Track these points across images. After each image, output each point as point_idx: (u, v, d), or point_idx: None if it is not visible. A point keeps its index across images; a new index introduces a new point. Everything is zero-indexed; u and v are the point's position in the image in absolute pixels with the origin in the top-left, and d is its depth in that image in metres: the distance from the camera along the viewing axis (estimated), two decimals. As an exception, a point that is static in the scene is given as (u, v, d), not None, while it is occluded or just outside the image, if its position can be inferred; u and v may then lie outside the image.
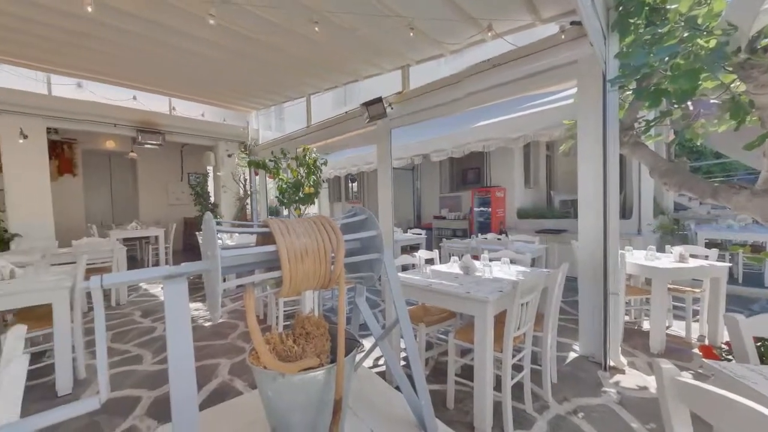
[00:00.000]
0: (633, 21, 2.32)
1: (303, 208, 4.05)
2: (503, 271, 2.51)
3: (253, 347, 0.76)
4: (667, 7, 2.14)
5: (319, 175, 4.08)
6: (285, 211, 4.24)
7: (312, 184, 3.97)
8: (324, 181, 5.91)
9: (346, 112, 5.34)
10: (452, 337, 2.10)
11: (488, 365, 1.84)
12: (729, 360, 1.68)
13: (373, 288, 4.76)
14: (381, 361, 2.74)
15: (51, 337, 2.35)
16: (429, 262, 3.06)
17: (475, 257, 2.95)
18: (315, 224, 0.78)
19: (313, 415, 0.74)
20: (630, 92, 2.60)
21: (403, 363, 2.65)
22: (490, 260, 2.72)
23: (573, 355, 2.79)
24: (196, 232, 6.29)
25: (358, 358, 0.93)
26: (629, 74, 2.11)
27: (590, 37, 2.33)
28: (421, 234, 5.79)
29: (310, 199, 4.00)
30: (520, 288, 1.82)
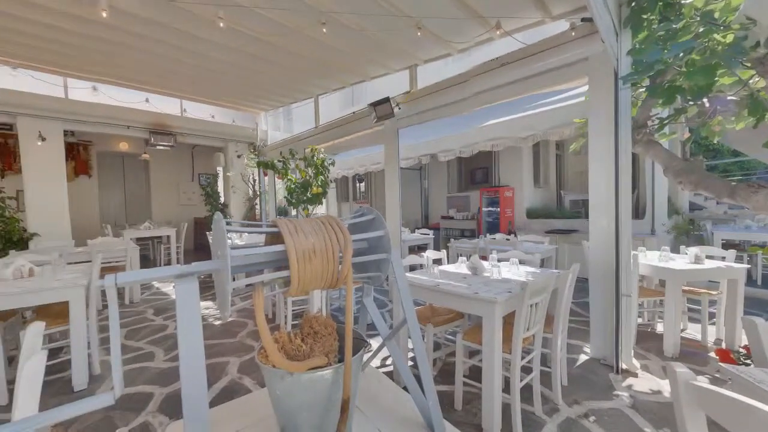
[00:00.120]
0: (646, 17, 2.27)
1: (311, 208, 4.08)
2: (512, 271, 2.49)
3: (262, 346, 0.77)
4: (682, 2, 2.09)
5: (326, 176, 4.11)
6: (293, 211, 4.27)
7: (320, 184, 4.00)
8: (332, 182, 5.93)
9: (354, 113, 5.35)
10: (460, 337, 2.09)
11: (497, 367, 1.82)
12: (747, 364, 1.63)
13: (381, 288, 4.76)
14: (389, 361, 2.74)
15: (68, 333, 2.42)
16: (437, 262, 3.05)
17: (484, 258, 2.93)
18: (323, 224, 0.78)
19: (321, 413, 0.74)
20: (643, 89, 2.55)
21: (410, 363, 2.64)
22: (499, 261, 2.70)
23: (584, 357, 2.74)
24: (207, 232, 6.39)
25: (366, 357, 0.93)
26: (642, 71, 2.07)
27: (602, 34, 2.30)
28: (428, 234, 5.76)
29: (318, 199, 4.03)
30: (529, 289, 1.80)
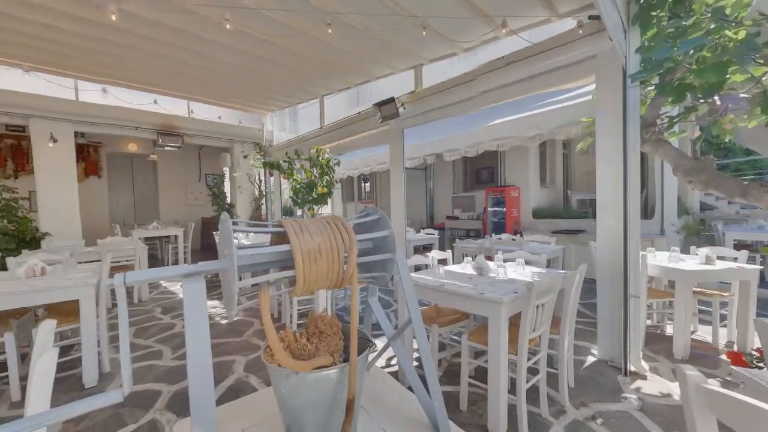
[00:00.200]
0: (655, 14, 2.24)
1: (316, 208, 4.09)
2: (518, 272, 2.47)
3: (267, 345, 0.77)
4: (692, -2, 2.05)
5: (332, 176, 4.12)
6: (299, 211, 4.30)
7: (325, 184, 4.01)
8: (337, 182, 5.95)
9: (359, 113, 5.36)
10: (465, 338, 2.08)
11: (502, 368, 1.81)
12: (760, 368, 1.60)
13: (386, 288, 4.76)
14: (393, 361, 2.73)
15: (78, 331, 2.47)
16: (442, 262, 3.04)
17: (489, 258, 2.91)
18: (328, 224, 0.78)
19: (326, 413, 0.74)
20: (652, 87, 2.51)
21: (415, 364, 2.64)
22: (505, 261, 2.68)
23: (591, 359, 2.71)
24: (214, 232, 6.45)
25: (371, 357, 0.93)
26: (651, 69, 2.04)
27: (609, 32, 2.27)
28: (433, 234, 5.75)
29: (323, 200, 4.05)
30: (535, 289, 1.78)
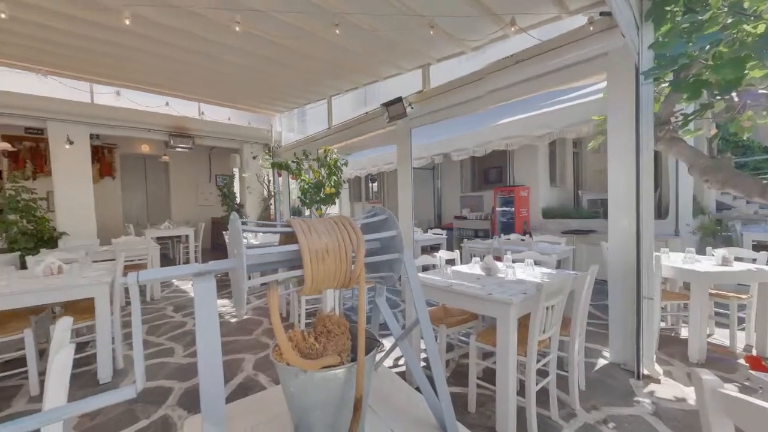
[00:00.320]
0: (669, 9, 2.18)
1: (324, 208, 4.12)
2: (527, 272, 2.44)
3: (276, 344, 0.78)
4: (709, -8, 2.00)
5: (339, 176, 4.14)
6: (307, 211, 4.33)
7: (333, 184, 4.03)
8: (344, 182, 5.97)
9: (367, 113, 5.37)
10: (474, 339, 2.06)
11: (511, 369, 1.79)
12: (780, 373, 1.55)
13: (393, 288, 4.76)
14: (401, 362, 2.73)
15: (93, 328, 2.53)
16: (450, 262, 3.02)
17: (498, 258, 2.89)
18: (336, 224, 0.79)
19: (334, 412, 0.75)
20: (666, 84, 2.45)
21: (423, 364, 2.63)
22: (514, 261, 2.65)
23: (602, 361, 2.66)
24: (223, 232, 6.54)
25: (378, 357, 0.93)
26: (665, 65, 1.99)
27: (621, 28, 2.22)
28: (441, 234, 5.72)
29: (331, 200, 4.07)
30: (545, 290, 1.76)
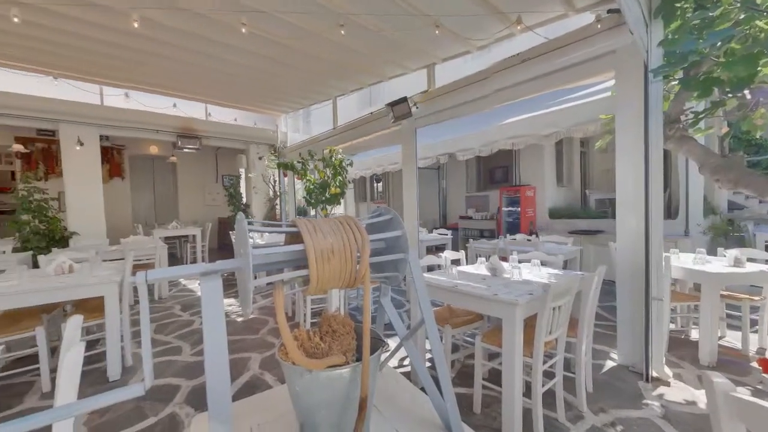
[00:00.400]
0: (680, 5, 2.15)
1: (329, 208, 4.13)
2: (533, 273, 2.42)
3: (282, 343, 0.78)
4: (720, -12, 1.96)
5: (344, 176, 4.15)
6: (312, 211, 4.34)
7: (338, 184, 4.04)
8: (350, 182, 5.98)
9: (371, 113, 5.37)
10: (479, 339, 2.05)
11: (517, 370, 1.78)
12: (795, 376, 1.51)
13: (398, 288, 4.76)
14: (406, 362, 2.73)
15: (103, 326, 2.57)
16: (455, 262, 3.01)
17: (504, 259, 2.87)
18: (341, 224, 0.79)
19: (339, 411, 0.75)
20: (676, 82, 2.41)
21: (428, 364, 2.62)
22: (520, 262, 2.63)
23: (610, 363, 2.63)
24: (230, 232, 6.60)
25: (383, 357, 0.93)
26: (675, 63, 1.96)
27: (630, 25, 2.19)
28: (446, 234, 5.70)
29: (336, 200, 4.08)
30: (552, 291, 1.74)
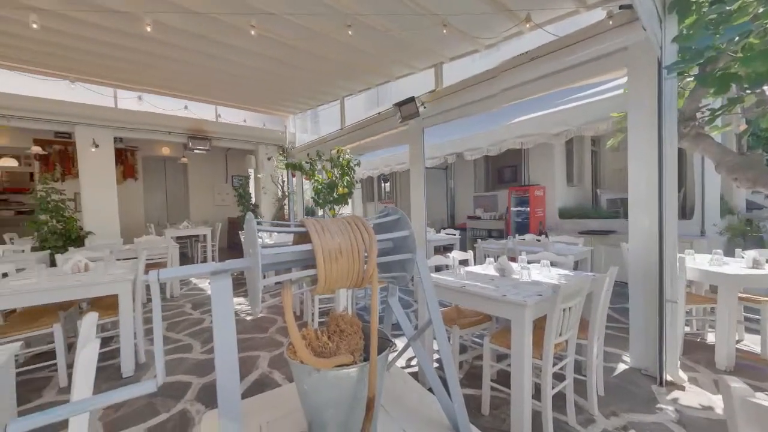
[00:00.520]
0: (695, 0, 2.09)
1: (337, 208, 4.14)
2: (543, 274, 2.39)
3: (290, 342, 0.79)
4: (738, -19, 1.90)
5: (352, 176, 4.16)
6: (320, 212, 4.37)
7: (346, 184, 4.06)
8: (357, 182, 5.99)
9: (379, 113, 5.38)
10: (488, 340, 2.03)
11: (526, 372, 1.75)
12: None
13: (406, 288, 4.75)
14: (413, 362, 2.72)
15: (117, 324, 2.64)
16: (463, 263, 2.99)
17: (512, 259, 2.83)
18: (349, 224, 0.79)
19: (347, 410, 0.75)
20: (691, 79, 2.35)
21: (435, 365, 2.61)
22: (529, 262, 2.60)
23: (623, 366, 2.58)
24: (239, 231, 6.69)
25: (391, 357, 0.93)
26: (690, 59, 1.91)
27: (643, 21, 2.14)
28: (454, 234, 5.67)
29: (344, 200, 4.09)
30: (562, 292, 1.71)
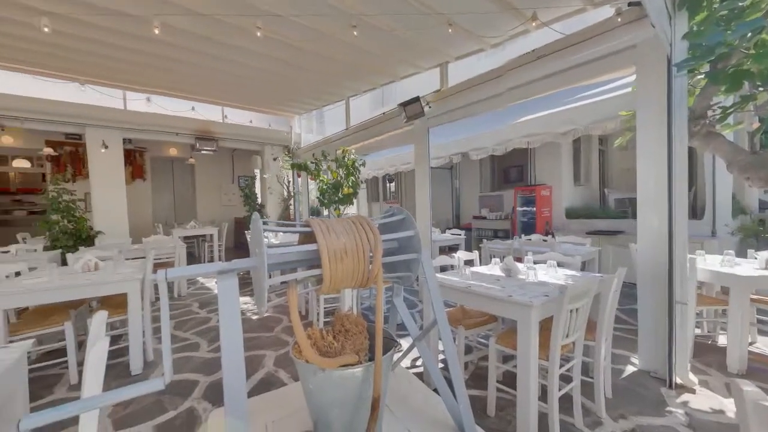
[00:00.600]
0: (705, -5, 2.05)
1: (342, 208, 4.15)
2: (549, 274, 2.37)
3: (296, 341, 0.79)
4: (750, -24, 1.86)
5: (357, 176, 4.17)
6: (325, 211, 4.38)
7: (351, 184, 4.06)
8: (362, 182, 6.00)
9: (384, 113, 5.38)
10: (493, 341, 2.02)
11: (532, 374, 1.74)
12: (834, 387, 1.42)
13: (411, 288, 4.74)
14: (419, 362, 2.72)
15: (126, 322, 2.67)
16: (468, 263, 2.98)
17: (518, 259, 2.81)
18: (354, 224, 0.79)
19: (352, 410, 0.75)
20: (701, 76, 2.31)
21: (441, 366, 2.60)
22: (535, 263, 2.58)
23: (631, 368, 2.54)
24: (246, 231, 6.74)
25: (396, 357, 0.93)
26: (701, 56, 1.87)
27: (652, 18, 2.11)
28: (460, 234, 5.64)
29: (349, 200, 4.10)
30: (569, 293, 1.70)
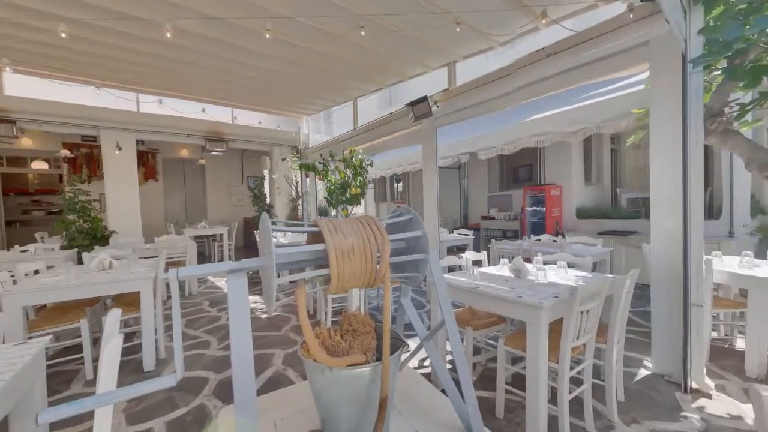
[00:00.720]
0: (723, -11, 1.99)
1: (350, 208, 4.17)
2: (559, 275, 2.33)
3: (304, 340, 0.80)
4: (770, -32, 1.80)
5: (365, 176, 4.17)
6: (333, 211, 4.40)
7: (358, 184, 4.07)
8: (370, 182, 6.01)
9: (392, 113, 5.38)
10: (502, 343, 2.00)
11: (542, 376, 1.72)
12: None
13: (419, 289, 4.73)
14: (426, 363, 2.71)
15: (139, 320, 2.73)
16: (477, 263, 2.95)
17: (528, 260, 2.78)
18: (361, 224, 0.79)
19: (360, 409, 0.76)
20: (718, 72, 2.24)
21: (448, 366, 2.59)
22: (545, 263, 2.54)
23: (644, 372, 2.48)
24: (255, 231, 6.82)
25: (404, 357, 0.93)
26: (718, 51, 1.82)
27: (666, 14, 2.06)
28: (468, 235, 5.60)
29: (356, 200, 4.11)
30: (579, 294, 1.67)
